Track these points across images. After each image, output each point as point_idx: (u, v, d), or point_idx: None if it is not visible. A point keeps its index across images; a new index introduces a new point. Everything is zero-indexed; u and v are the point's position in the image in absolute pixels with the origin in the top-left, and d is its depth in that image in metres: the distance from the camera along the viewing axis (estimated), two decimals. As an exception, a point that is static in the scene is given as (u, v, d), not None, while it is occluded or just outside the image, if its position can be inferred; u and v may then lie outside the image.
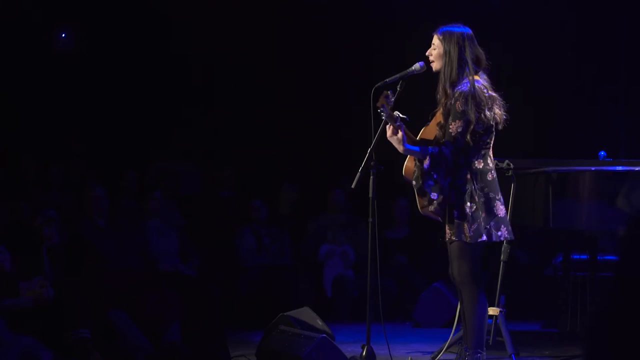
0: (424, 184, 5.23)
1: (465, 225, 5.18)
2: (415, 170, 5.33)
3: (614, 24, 9.73)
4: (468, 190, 5.19)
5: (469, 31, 5.31)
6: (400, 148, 5.22)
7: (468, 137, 5.17)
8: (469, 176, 5.20)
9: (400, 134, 5.19)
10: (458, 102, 5.15)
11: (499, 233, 5.25)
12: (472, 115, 5.14)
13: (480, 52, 5.32)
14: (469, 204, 5.18)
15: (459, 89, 5.18)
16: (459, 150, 5.18)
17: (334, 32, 10.04)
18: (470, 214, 5.17)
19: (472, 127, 5.15)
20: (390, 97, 5.19)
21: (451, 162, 5.17)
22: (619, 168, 6.55)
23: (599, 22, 9.68)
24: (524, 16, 9.64)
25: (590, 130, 9.55)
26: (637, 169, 6.45)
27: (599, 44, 9.69)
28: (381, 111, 5.19)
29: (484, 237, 5.19)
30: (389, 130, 5.24)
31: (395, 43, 9.16)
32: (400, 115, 5.23)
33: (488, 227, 5.20)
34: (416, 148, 5.23)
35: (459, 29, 5.30)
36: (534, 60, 9.68)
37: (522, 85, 9.00)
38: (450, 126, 5.17)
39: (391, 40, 9.49)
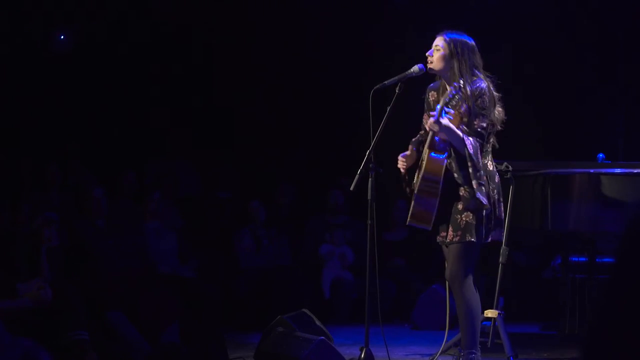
0: (468, 174, 5.18)
1: (478, 225, 5.20)
2: (451, 165, 5.27)
3: (613, 25, 9.73)
4: (484, 192, 5.20)
5: (472, 40, 5.34)
6: (451, 126, 5.13)
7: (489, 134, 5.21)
8: (485, 178, 5.22)
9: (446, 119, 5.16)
10: (480, 100, 5.19)
11: (495, 234, 5.30)
12: (491, 113, 5.18)
13: (481, 61, 5.35)
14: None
15: (479, 86, 5.20)
16: (483, 146, 5.19)
17: (332, 33, 10.04)
18: (485, 215, 5.19)
19: (490, 123, 5.19)
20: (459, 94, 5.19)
21: (480, 155, 5.18)
22: (618, 170, 6.56)
23: (598, 23, 9.68)
24: (523, 17, 9.64)
25: (588, 133, 9.56)
26: (635, 171, 6.45)
27: (598, 45, 9.70)
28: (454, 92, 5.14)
29: (489, 238, 5.29)
30: (428, 117, 5.22)
31: (394, 44, 9.17)
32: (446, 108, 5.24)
33: (488, 227, 5.24)
34: (459, 132, 5.17)
35: (465, 36, 5.32)
36: (532, 62, 9.68)
37: (520, 87, 9.01)
38: (475, 122, 5.19)
39: (390, 41, 9.49)
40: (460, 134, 5.16)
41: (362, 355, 5.49)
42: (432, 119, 5.17)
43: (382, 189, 5.70)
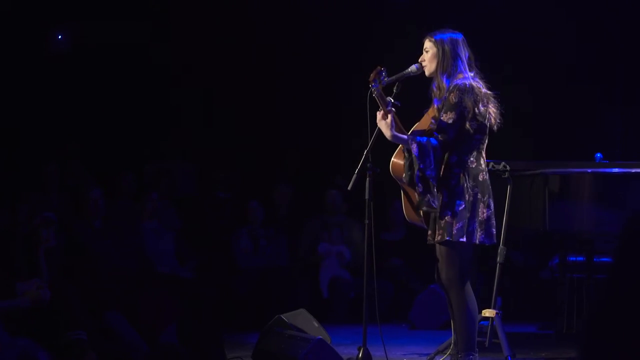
0: (414, 175, 5.18)
1: (454, 223, 5.18)
2: (404, 165, 5.30)
3: (611, 25, 9.73)
4: (461, 190, 5.19)
5: (461, 35, 5.33)
6: (387, 133, 5.19)
7: (458, 130, 5.16)
8: (461, 175, 5.20)
9: (389, 118, 5.18)
10: (452, 94, 5.17)
11: (479, 235, 5.22)
12: (467, 109, 5.15)
13: (471, 55, 5.34)
14: (458, 201, 5.18)
15: (455, 82, 5.20)
16: (449, 142, 5.16)
17: (330, 34, 10.04)
18: (458, 212, 5.17)
19: (465, 120, 5.16)
20: (384, 74, 5.19)
21: (440, 153, 5.16)
22: (615, 170, 6.56)
23: (597, 23, 9.68)
24: (522, 17, 9.64)
25: (586, 132, 9.55)
26: (633, 170, 6.46)
27: (597, 45, 9.69)
28: (372, 86, 5.17)
29: (464, 238, 5.17)
30: (379, 114, 5.23)
31: (392, 44, 9.17)
32: (392, 101, 5.23)
33: (471, 228, 5.19)
34: (404, 136, 5.22)
35: (451, 32, 5.33)
36: (531, 62, 9.68)
37: (519, 86, 9.01)
38: (443, 117, 5.18)
39: (388, 42, 9.49)
40: (405, 137, 5.18)
41: (360, 355, 5.49)
42: (379, 120, 5.22)
43: (379, 189, 5.71)
